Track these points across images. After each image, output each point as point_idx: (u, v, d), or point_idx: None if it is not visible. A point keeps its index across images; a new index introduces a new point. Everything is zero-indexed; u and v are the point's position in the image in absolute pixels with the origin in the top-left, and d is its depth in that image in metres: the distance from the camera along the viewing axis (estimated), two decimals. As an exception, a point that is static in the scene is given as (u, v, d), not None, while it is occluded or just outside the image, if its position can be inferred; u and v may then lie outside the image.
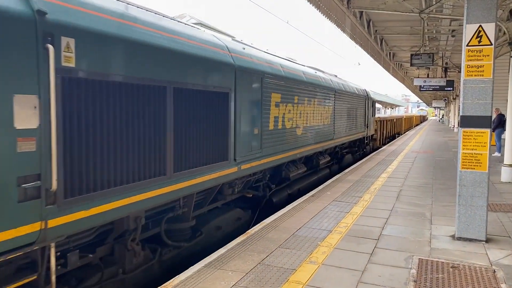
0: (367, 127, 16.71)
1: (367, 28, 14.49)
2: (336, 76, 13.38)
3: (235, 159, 5.84)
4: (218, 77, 5.39)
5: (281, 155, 7.61)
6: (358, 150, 16.64)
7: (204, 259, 4.61)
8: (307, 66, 10.56)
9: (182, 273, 4.19)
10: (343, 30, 13.14)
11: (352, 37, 14.22)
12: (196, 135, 4.90)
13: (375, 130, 20.76)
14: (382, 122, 23.79)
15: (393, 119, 30.51)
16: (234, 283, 3.94)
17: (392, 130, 29.72)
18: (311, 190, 8.60)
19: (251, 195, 7.32)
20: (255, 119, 6.52)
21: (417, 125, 56.17)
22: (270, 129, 7.07)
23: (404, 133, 35.51)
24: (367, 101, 16.32)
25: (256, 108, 6.55)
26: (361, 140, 16.68)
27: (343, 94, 12.32)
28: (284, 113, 7.64)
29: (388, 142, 24.85)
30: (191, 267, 4.38)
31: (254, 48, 7.41)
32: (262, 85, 6.67)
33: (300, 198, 7.88)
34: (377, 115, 31.37)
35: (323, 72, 11.75)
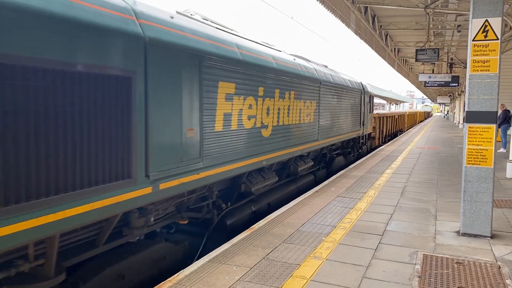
0: (363, 125, 14.66)
1: (372, 23, 14.43)
2: (326, 66, 11.72)
3: (147, 175, 4.00)
4: (109, 52, 3.56)
5: (237, 163, 5.79)
6: (352, 151, 14.48)
7: (209, 254, 4.63)
8: (288, 54, 8.91)
9: (186, 268, 4.21)
10: (348, 26, 13.10)
11: (357, 32, 14.17)
12: (58, 141, 3.13)
13: (374, 128, 18.79)
14: (381, 119, 21.55)
15: (394, 116, 27.99)
16: (238, 277, 3.96)
17: (394, 127, 27.55)
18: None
19: (186, 222, 5.43)
20: (190, 117, 4.64)
21: (421, 121, 54.85)
22: (218, 130, 5.26)
23: (407, 130, 33.55)
24: (363, 95, 14.32)
25: (191, 102, 4.67)
26: (355, 139, 14.63)
27: (332, 87, 10.39)
28: (241, 109, 5.84)
29: (389, 141, 22.85)
30: (196, 261, 4.40)
31: (196, 18, 5.64)
32: (201, 70, 4.83)
33: (304, 194, 7.88)
34: (379, 111, 30.27)
35: (308, 60, 10.02)
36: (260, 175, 7.09)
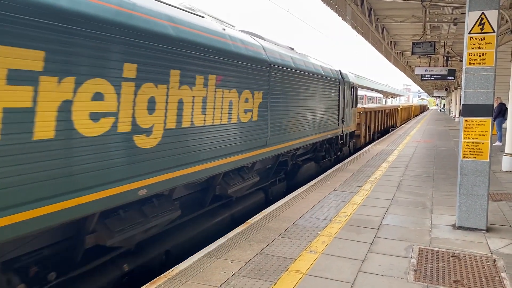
0: (342, 122, 12.14)
1: (368, 16, 14.36)
2: (292, 49, 9.26)
3: None
4: None
5: (60, 203, 3.25)
6: (328, 154, 11.69)
7: (204, 248, 4.61)
8: (231, 27, 6.69)
9: (182, 263, 4.19)
10: (344, 19, 13.03)
11: (353, 25, 14.10)
12: None
13: (358, 125, 16.01)
14: (369, 114, 18.65)
15: (385, 110, 24.48)
16: (234, 272, 3.94)
17: (385, 123, 24.57)
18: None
19: None
20: None
21: (416, 115, 52.94)
22: None
23: (400, 125, 30.71)
24: (342, 86, 11.71)
25: None
26: (332, 140, 11.87)
27: (292, 73, 7.84)
28: (69, 101, 3.33)
29: (379, 138, 20.26)
30: (191, 256, 4.38)
31: None
32: None
33: (300, 188, 7.87)
34: (371, 105, 28.02)
35: (259, 37, 7.60)
36: (141, 212, 4.33)
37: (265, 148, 6.89)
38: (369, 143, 18.13)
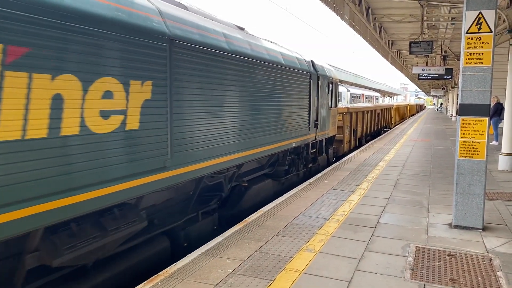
0: (315, 126, 9.60)
1: (366, 15, 14.38)
2: (242, 29, 6.87)
3: None
4: None
5: None
6: (294, 168, 9.11)
7: (201, 247, 4.61)
8: None
9: (179, 261, 4.19)
10: (342, 18, 13.03)
11: (351, 24, 14.11)
12: None
13: (339, 128, 13.44)
14: (354, 115, 15.85)
15: (375, 110, 21.16)
16: (231, 270, 3.95)
17: (376, 124, 21.63)
18: None
19: None
20: None
21: (412, 115, 50.51)
22: None
23: (394, 126, 27.96)
24: (314, 81, 9.28)
25: None
26: (300, 149, 9.28)
27: (222, 57, 5.30)
28: None
29: (368, 142, 17.76)
30: (188, 255, 4.38)
31: None
32: None
33: (297, 187, 7.87)
34: (360, 104, 26.29)
35: (183, 6, 5.34)
36: None
37: (164, 172, 4.30)
38: (356, 148, 15.76)
